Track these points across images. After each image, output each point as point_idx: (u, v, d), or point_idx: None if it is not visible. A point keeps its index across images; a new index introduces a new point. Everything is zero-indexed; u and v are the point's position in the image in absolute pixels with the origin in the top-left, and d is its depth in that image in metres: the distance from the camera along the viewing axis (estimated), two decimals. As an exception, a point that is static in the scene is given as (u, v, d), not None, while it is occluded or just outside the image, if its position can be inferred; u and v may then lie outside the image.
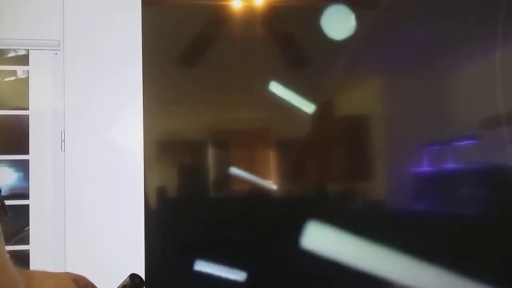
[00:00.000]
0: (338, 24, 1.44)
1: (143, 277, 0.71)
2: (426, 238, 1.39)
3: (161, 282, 1.32)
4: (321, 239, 1.38)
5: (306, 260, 1.37)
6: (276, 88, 1.41)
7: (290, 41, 1.46)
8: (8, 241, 1.31)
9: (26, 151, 1.30)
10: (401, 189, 1.48)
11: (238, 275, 1.36)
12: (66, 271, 1.26)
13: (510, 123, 1.45)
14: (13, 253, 1.26)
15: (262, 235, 1.37)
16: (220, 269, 1.35)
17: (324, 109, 1.47)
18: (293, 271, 1.37)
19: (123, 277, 0.72)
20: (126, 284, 0.70)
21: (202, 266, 1.34)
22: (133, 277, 0.70)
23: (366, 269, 1.37)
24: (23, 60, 1.33)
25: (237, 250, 1.37)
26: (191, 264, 1.34)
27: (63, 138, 1.31)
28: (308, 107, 1.45)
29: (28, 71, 1.33)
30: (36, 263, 1.26)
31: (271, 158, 1.44)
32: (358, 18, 1.45)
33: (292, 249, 1.36)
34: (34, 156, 1.30)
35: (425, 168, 1.46)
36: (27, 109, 1.31)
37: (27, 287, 0.60)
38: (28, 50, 1.33)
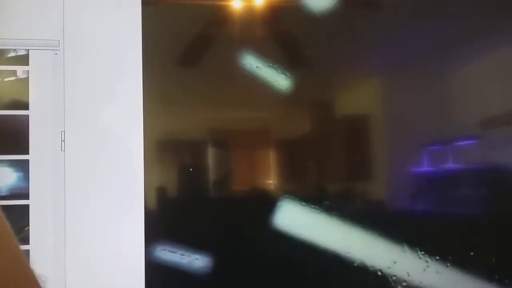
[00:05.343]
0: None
1: (143, 277, 0.71)
2: (425, 237, 1.39)
3: (161, 282, 1.32)
4: (321, 238, 1.38)
5: (308, 260, 1.37)
6: (276, 87, 1.41)
7: (291, 40, 1.46)
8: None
9: (26, 151, 1.30)
10: (400, 189, 1.48)
11: (238, 274, 1.36)
12: (66, 271, 1.26)
13: (510, 123, 1.45)
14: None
15: (262, 234, 1.37)
16: (220, 268, 1.35)
17: (324, 108, 1.47)
18: (295, 272, 1.37)
19: (124, 277, 0.72)
20: None
21: (202, 266, 1.34)
22: None
23: (366, 267, 1.38)
24: (23, 60, 1.33)
25: (237, 250, 1.37)
26: (191, 264, 1.34)
27: (63, 138, 1.31)
28: (308, 107, 1.45)
29: (28, 71, 1.33)
30: (36, 263, 1.26)
31: (272, 158, 1.44)
32: (358, 15, 1.45)
33: (293, 250, 1.36)
34: (34, 156, 1.30)
35: (425, 168, 1.46)
36: (27, 109, 1.31)
37: None
38: (28, 50, 1.33)
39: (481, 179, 1.45)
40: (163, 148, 1.41)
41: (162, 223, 1.37)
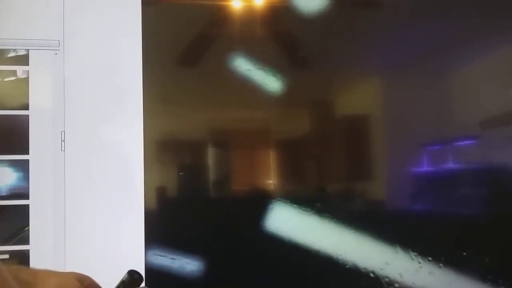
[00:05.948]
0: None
1: (143, 276, 0.71)
2: (425, 237, 1.39)
3: (161, 282, 1.32)
4: (322, 238, 1.38)
5: (302, 261, 1.37)
6: (276, 87, 1.41)
7: (291, 40, 1.46)
8: (8, 241, 1.31)
9: (26, 151, 1.30)
10: (400, 189, 1.48)
11: (238, 275, 1.36)
12: (67, 271, 1.26)
13: (510, 123, 1.45)
14: (13, 253, 1.26)
15: (262, 235, 1.37)
16: (219, 267, 1.35)
17: (324, 108, 1.47)
18: (290, 273, 1.37)
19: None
20: (124, 281, 0.70)
21: (201, 266, 1.34)
22: (132, 273, 0.71)
23: (359, 269, 1.38)
24: (23, 60, 1.33)
25: (237, 250, 1.37)
26: (191, 264, 1.34)
27: (63, 138, 1.32)
28: (308, 107, 1.45)
29: (28, 71, 1.33)
30: (36, 263, 1.26)
31: (271, 158, 1.44)
32: (358, 15, 1.45)
33: (294, 250, 1.36)
34: (34, 156, 1.30)
35: (425, 168, 1.46)
36: (27, 109, 1.31)
37: (31, 285, 0.61)
38: (28, 50, 1.33)
39: (480, 179, 1.45)
40: (163, 148, 1.41)
41: (162, 223, 1.37)
